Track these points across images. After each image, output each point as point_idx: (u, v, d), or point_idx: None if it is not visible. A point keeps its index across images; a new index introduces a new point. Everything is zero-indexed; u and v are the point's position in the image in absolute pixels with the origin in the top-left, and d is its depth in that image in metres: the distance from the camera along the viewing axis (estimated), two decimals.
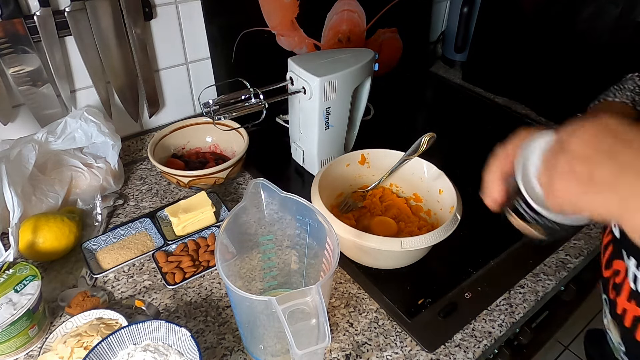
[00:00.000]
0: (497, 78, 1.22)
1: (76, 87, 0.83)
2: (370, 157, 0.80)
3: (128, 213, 0.83)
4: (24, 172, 0.72)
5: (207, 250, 0.74)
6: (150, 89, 0.90)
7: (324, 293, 0.47)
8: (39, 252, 0.69)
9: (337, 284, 0.71)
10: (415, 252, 0.68)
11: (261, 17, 0.95)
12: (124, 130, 0.91)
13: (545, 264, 0.74)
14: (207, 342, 0.62)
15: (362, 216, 0.78)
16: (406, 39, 1.25)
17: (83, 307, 0.63)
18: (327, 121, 0.83)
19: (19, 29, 0.72)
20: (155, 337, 0.56)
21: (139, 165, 0.94)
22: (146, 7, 0.83)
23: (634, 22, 0.92)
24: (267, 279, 0.66)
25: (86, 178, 0.81)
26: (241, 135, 0.89)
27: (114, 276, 0.71)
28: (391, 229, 0.75)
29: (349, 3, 1.07)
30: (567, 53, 1.05)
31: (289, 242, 0.63)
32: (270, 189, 0.56)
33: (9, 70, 0.74)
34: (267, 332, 0.56)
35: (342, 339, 0.63)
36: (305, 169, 0.93)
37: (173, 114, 0.98)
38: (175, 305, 0.67)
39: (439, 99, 1.27)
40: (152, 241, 0.76)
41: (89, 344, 0.57)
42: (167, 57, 0.91)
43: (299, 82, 0.80)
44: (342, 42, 1.11)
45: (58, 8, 0.75)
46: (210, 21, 0.90)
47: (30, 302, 0.57)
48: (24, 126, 0.81)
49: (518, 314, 0.67)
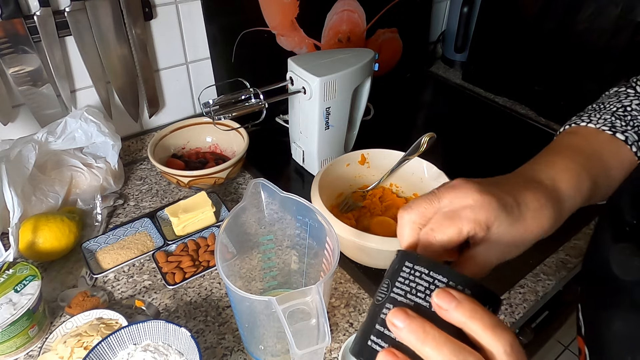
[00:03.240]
0: (497, 78, 1.22)
1: (76, 87, 0.83)
2: (370, 157, 0.80)
3: (128, 213, 0.83)
4: (24, 172, 0.72)
5: (207, 250, 0.74)
6: (150, 89, 0.90)
7: (324, 293, 0.47)
8: (39, 252, 0.69)
9: (337, 284, 0.71)
10: None
11: (261, 17, 0.95)
12: (124, 130, 0.91)
13: (545, 264, 0.74)
14: (207, 342, 0.62)
15: (362, 216, 0.78)
16: (406, 39, 1.25)
17: (83, 307, 0.63)
18: (327, 121, 0.83)
19: (19, 29, 0.72)
20: (155, 337, 0.56)
21: (139, 165, 0.94)
22: (146, 7, 0.83)
23: (634, 22, 0.92)
24: (267, 279, 0.66)
25: (86, 178, 0.81)
26: (241, 135, 0.89)
27: (114, 276, 0.71)
28: (391, 229, 0.75)
29: (349, 3, 1.07)
30: (567, 53, 1.05)
31: (289, 242, 0.63)
32: (270, 189, 0.56)
33: (9, 70, 0.74)
34: (267, 332, 0.56)
35: (342, 339, 0.63)
36: (305, 169, 0.93)
37: (173, 114, 0.98)
38: (175, 305, 0.67)
39: (439, 99, 1.27)
40: (152, 241, 0.76)
41: (89, 344, 0.57)
42: (167, 57, 0.91)
43: (299, 82, 0.80)
44: (342, 42, 1.11)
45: (58, 8, 0.75)
46: (210, 21, 0.90)
47: (30, 302, 0.57)
48: (24, 126, 0.81)
49: (518, 314, 0.67)
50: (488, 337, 0.28)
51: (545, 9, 1.05)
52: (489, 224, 0.37)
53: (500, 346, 0.28)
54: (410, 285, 0.31)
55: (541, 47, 1.08)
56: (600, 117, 0.49)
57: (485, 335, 0.28)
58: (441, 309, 0.29)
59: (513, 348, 0.28)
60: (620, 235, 0.40)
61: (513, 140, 1.06)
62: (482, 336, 0.28)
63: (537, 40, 1.09)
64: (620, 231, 0.41)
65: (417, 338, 0.28)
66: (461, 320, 0.28)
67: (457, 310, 0.28)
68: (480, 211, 0.36)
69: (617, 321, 0.41)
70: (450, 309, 0.29)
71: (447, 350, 0.28)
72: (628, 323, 0.39)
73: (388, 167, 0.79)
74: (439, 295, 0.29)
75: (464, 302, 0.28)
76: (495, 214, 0.37)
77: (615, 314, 0.41)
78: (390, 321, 0.29)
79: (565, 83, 1.07)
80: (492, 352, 0.28)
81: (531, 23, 1.09)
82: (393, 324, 0.29)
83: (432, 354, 0.28)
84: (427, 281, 0.30)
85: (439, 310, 0.29)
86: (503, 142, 1.05)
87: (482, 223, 0.36)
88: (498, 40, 1.17)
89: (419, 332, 0.28)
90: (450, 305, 0.29)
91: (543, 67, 1.10)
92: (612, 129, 0.48)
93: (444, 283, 0.30)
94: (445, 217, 0.37)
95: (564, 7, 1.01)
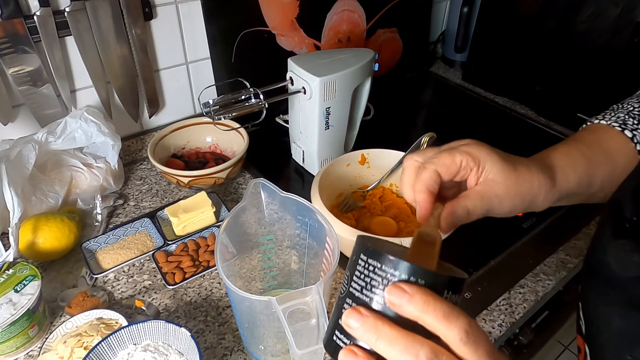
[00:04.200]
0: (497, 78, 1.22)
1: (76, 87, 0.83)
2: (370, 157, 0.80)
3: (128, 213, 0.83)
4: (24, 172, 0.72)
5: (207, 250, 0.74)
6: (150, 89, 0.90)
7: (324, 293, 0.47)
8: (39, 252, 0.69)
9: (337, 284, 0.71)
10: None
11: (261, 17, 0.95)
12: (124, 130, 0.91)
13: (545, 264, 0.74)
14: (207, 342, 0.62)
15: (362, 216, 0.78)
16: (406, 39, 1.25)
17: (83, 307, 0.63)
18: (327, 121, 0.83)
19: (19, 29, 0.72)
20: (155, 337, 0.56)
21: (139, 165, 0.94)
22: (146, 7, 0.82)
23: (634, 22, 0.92)
24: (267, 279, 0.66)
25: (86, 178, 0.81)
26: (241, 135, 0.89)
27: (114, 276, 0.71)
28: (391, 229, 0.75)
29: (349, 3, 1.07)
30: (567, 53, 1.05)
31: (289, 242, 0.63)
32: (270, 189, 0.56)
33: (9, 70, 0.74)
34: (267, 332, 0.56)
35: None
36: (305, 169, 0.93)
37: (173, 114, 0.98)
38: (175, 305, 0.67)
39: (439, 99, 1.27)
40: (152, 241, 0.76)
41: (89, 344, 0.57)
42: (167, 57, 0.91)
43: (299, 82, 0.80)
44: (342, 42, 1.11)
45: (58, 8, 0.75)
46: (210, 21, 0.90)
47: (30, 302, 0.57)
48: (24, 126, 0.81)
49: (518, 314, 0.67)
50: (442, 326, 0.28)
51: (545, 9, 1.05)
52: (482, 159, 0.41)
53: (455, 334, 0.28)
54: (365, 280, 0.31)
55: (541, 47, 1.08)
56: (614, 115, 0.51)
57: (439, 325, 0.28)
58: (394, 305, 0.29)
59: (469, 334, 0.28)
60: (620, 232, 0.41)
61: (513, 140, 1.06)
62: (437, 327, 0.28)
63: (537, 40, 1.09)
64: (620, 228, 0.41)
65: (371, 336, 0.29)
66: (415, 314, 0.29)
67: (409, 304, 0.28)
68: (475, 147, 0.41)
69: (616, 318, 0.41)
70: (403, 304, 0.29)
71: (399, 346, 0.28)
72: (627, 320, 0.40)
73: (388, 167, 0.79)
74: (391, 292, 0.29)
75: (416, 295, 0.28)
76: (488, 153, 0.41)
77: (615, 311, 0.41)
78: (346, 323, 0.30)
79: (565, 83, 1.07)
80: (449, 341, 0.28)
81: (531, 23, 1.09)
82: (348, 325, 0.30)
83: (386, 350, 0.28)
84: (380, 276, 0.30)
85: (392, 306, 0.29)
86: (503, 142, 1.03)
87: (475, 157, 0.41)
88: (498, 40, 1.17)
89: (372, 330, 0.29)
90: (402, 301, 0.29)
91: (543, 67, 1.10)
92: (622, 125, 0.49)
93: (396, 277, 0.30)
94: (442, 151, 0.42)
95: (563, 7, 1.01)
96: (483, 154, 0.41)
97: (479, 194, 0.41)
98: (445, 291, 0.30)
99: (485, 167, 0.41)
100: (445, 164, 0.40)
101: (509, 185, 0.42)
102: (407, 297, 0.28)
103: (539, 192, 0.43)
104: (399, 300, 0.29)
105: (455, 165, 0.41)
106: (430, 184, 0.40)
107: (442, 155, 0.41)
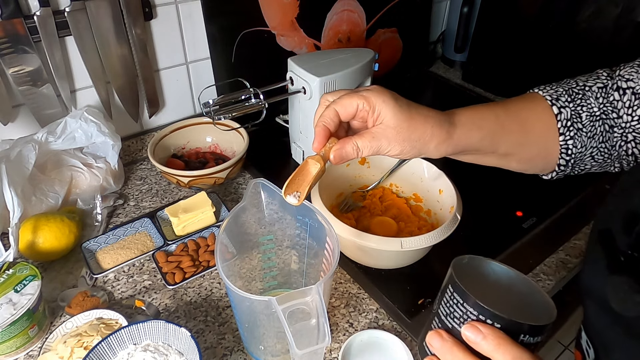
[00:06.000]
0: (497, 78, 1.22)
1: (76, 87, 0.83)
2: (370, 157, 0.80)
3: (128, 213, 0.83)
4: (24, 172, 0.72)
5: (207, 250, 0.74)
6: (150, 89, 0.90)
7: (324, 293, 0.47)
8: (39, 252, 0.69)
9: (337, 284, 0.71)
10: (415, 252, 0.68)
11: (261, 17, 0.95)
12: (124, 130, 0.91)
13: (545, 264, 0.74)
14: (207, 342, 0.62)
15: (362, 216, 0.78)
16: (406, 39, 1.25)
17: (83, 307, 0.63)
18: None
19: (19, 29, 0.72)
20: (155, 337, 0.56)
21: (139, 165, 0.94)
22: (146, 7, 0.83)
23: (634, 22, 0.92)
24: (267, 279, 0.66)
25: (86, 178, 0.81)
26: (241, 135, 0.89)
27: (114, 276, 0.71)
28: (391, 229, 0.75)
29: (349, 3, 1.07)
30: (567, 53, 1.05)
31: (289, 242, 0.63)
32: (270, 189, 0.56)
33: (9, 70, 0.74)
34: (267, 332, 0.56)
35: (342, 339, 0.63)
36: None
37: (173, 114, 0.98)
38: (175, 305, 0.67)
39: (439, 99, 1.27)
40: (152, 241, 0.76)
41: (89, 344, 0.57)
42: (167, 57, 0.91)
43: (299, 82, 0.80)
44: (342, 42, 1.11)
45: (58, 8, 0.75)
46: (210, 21, 0.90)
47: (30, 302, 0.57)
48: (24, 126, 0.81)
49: None
50: None
51: (545, 9, 1.05)
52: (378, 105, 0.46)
53: None
54: (450, 309, 0.37)
55: (541, 47, 1.08)
56: (556, 88, 0.54)
57: None
58: (470, 341, 0.35)
59: None
60: (616, 267, 0.41)
61: None
62: None
63: (537, 40, 1.09)
64: (615, 261, 0.41)
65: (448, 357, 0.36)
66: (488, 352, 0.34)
67: (483, 342, 0.34)
68: (375, 93, 0.46)
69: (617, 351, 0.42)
70: (477, 342, 0.34)
71: None
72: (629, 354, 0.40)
73: (388, 167, 0.79)
74: (468, 329, 0.35)
75: (489, 337, 0.34)
76: (384, 100, 0.46)
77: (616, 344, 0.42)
78: (429, 342, 0.37)
79: None
80: None
81: (531, 23, 1.09)
82: (431, 345, 0.37)
83: None
84: (462, 311, 0.36)
85: (467, 341, 0.35)
86: None
87: (371, 102, 0.46)
88: (498, 40, 1.17)
89: (448, 353, 0.36)
90: (477, 339, 0.34)
91: (543, 67, 1.10)
92: (553, 100, 0.53)
93: (475, 316, 0.35)
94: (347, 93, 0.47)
95: (564, 7, 1.01)
96: (379, 100, 0.46)
97: (371, 134, 0.47)
98: (521, 335, 0.34)
99: (380, 112, 0.46)
100: (343, 105, 0.46)
101: (400, 130, 0.46)
102: (482, 336, 0.34)
103: (430, 140, 0.48)
104: (474, 337, 0.34)
105: (352, 107, 0.46)
106: (327, 121, 0.46)
107: (343, 97, 0.47)
